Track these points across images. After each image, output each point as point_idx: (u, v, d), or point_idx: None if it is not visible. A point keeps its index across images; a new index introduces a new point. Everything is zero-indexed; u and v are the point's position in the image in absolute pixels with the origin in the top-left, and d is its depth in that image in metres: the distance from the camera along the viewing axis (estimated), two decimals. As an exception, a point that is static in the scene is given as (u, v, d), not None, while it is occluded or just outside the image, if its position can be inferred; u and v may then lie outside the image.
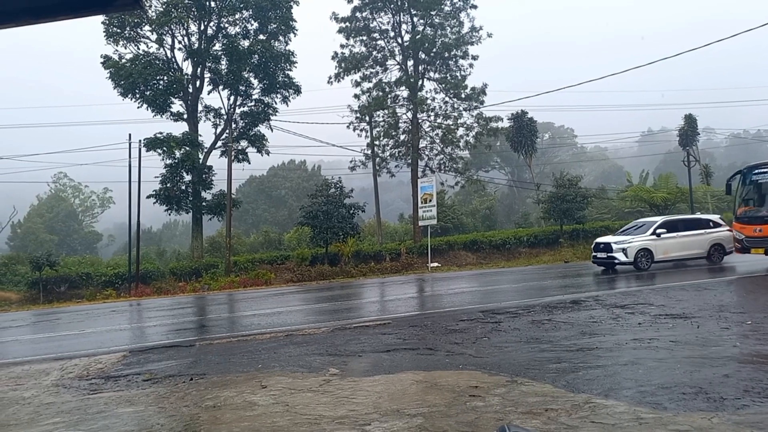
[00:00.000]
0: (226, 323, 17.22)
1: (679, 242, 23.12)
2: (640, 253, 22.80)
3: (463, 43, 39.87)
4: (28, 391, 9.60)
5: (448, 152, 41.55)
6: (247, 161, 37.07)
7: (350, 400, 7.67)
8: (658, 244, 22.91)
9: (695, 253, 23.40)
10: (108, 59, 33.71)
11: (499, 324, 13.05)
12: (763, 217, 20.21)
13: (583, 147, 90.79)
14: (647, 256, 22.82)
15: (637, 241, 22.99)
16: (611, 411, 6.65)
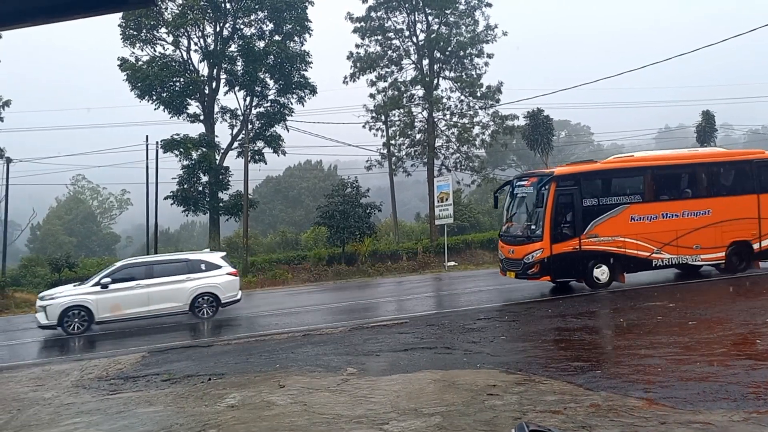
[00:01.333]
0: (243, 323, 17.30)
1: (139, 294, 16.65)
2: (71, 312, 16.15)
3: (479, 42, 39.66)
4: (48, 392, 9.70)
5: (464, 151, 41.36)
6: (263, 162, 37.18)
7: (368, 399, 7.67)
8: (102, 299, 16.37)
9: (170, 307, 17.07)
10: (125, 61, 33.95)
11: (515, 322, 12.99)
12: (516, 237, 17.98)
13: (600, 144, 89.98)
14: (82, 316, 16.23)
15: (67, 296, 16.38)
16: (630, 409, 6.59)
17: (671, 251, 17.44)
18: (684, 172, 18.71)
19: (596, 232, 16.89)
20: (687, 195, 18.17)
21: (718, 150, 20.92)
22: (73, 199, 75.07)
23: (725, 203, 18.08)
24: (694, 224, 17.62)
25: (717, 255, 17.85)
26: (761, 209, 18.17)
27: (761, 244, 18.14)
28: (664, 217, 17.56)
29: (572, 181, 17.25)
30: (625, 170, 18.56)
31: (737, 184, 18.84)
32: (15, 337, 17.38)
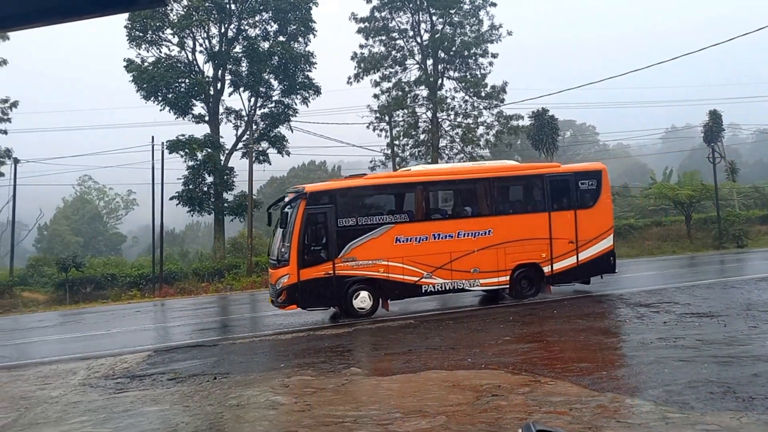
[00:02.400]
0: (248, 323, 17.34)
1: None
2: None
3: (483, 42, 39.63)
4: (55, 390, 9.75)
5: (468, 151, 41.33)
6: (267, 162, 37.22)
7: (372, 399, 7.68)
8: None
9: None
10: (131, 63, 34.07)
11: (523, 324, 12.97)
12: (272, 260, 16.26)
13: (606, 144, 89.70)
14: None
15: None
16: (637, 410, 6.59)
17: (444, 276, 15.59)
18: (461, 189, 17.22)
19: (354, 256, 15.14)
20: (465, 213, 16.53)
21: (508, 163, 18.74)
22: (80, 200, 75.29)
23: (510, 222, 16.36)
24: (472, 246, 15.81)
25: (500, 279, 15.96)
26: (553, 229, 16.43)
27: (553, 267, 16.33)
28: (436, 238, 15.72)
29: (326, 199, 15.42)
30: (390, 187, 16.81)
31: (526, 201, 17.36)
32: (22, 336, 17.46)
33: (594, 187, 17.08)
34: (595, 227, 16.87)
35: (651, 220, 42.36)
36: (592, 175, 17.32)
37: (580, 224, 16.65)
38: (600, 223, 16.98)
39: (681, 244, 36.08)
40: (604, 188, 17.19)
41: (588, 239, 16.67)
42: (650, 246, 36.45)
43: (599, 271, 17.06)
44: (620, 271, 18.48)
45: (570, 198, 16.97)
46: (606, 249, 16.94)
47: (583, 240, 16.61)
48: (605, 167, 17.83)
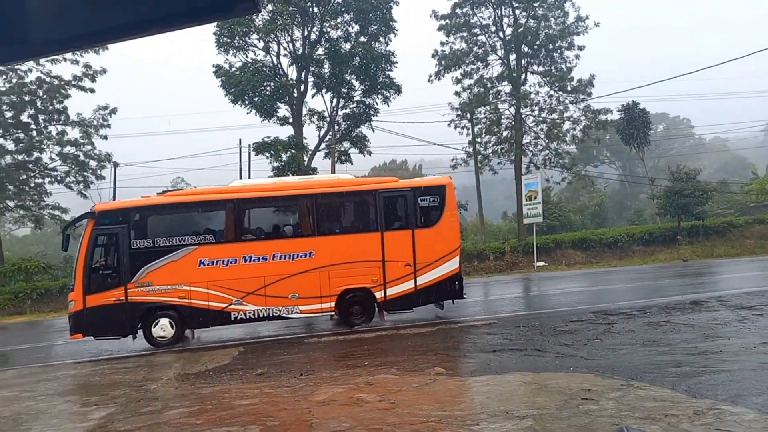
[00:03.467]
0: (332, 321, 17.59)
1: None
2: None
3: (568, 34, 38.57)
4: (154, 383, 10.22)
5: (553, 147, 40.34)
6: (349, 162, 37.75)
7: (456, 399, 7.61)
8: None
9: None
10: (219, 68, 35.35)
11: (612, 325, 12.53)
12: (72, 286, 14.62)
13: (701, 138, 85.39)
14: None
15: None
16: (739, 418, 6.20)
17: (257, 302, 14.32)
18: (279, 206, 16.12)
19: (150, 280, 13.97)
20: (282, 234, 15.38)
21: (342, 177, 17.20)
22: (173, 201, 78.66)
23: (336, 243, 15.00)
24: (290, 269, 14.52)
25: (323, 306, 14.60)
26: (387, 250, 14.90)
27: (386, 293, 14.84)
28: (247, 260, 14.46)
29: (118, 219, 14.25)
30: (195, 205, 15.38)
31: (355, 219, 15.96)
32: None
33: (436, 204, 15.32)
34: (438, 248, 15.11)
35: (752, 217, 39.98)
36: (434, 190, 15.49)
37: (419, 245, 15.02)
38: (443, 244, 15.15)
39: (786, 243, 33.90)
40: (448, 205, 15.35)
41: (428, 261, 15.01)
42: (752, 245, 34.44)
43: (443, 297, 15.39)
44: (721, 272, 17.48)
45: (407, 216, 15.35)
46: (450, 272, 15.11)
47: (422, 262, 14.99)
48: (451, 182, 15.84)
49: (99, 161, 37.09)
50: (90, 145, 36.72)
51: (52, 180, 36.60)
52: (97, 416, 8.24)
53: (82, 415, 8.50)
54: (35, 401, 9.51)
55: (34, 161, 36.03)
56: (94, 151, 36.89)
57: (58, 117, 36.00)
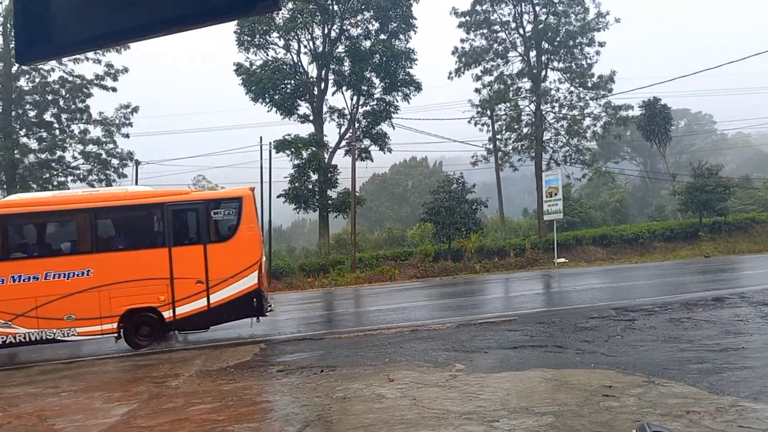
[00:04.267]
0: (352, 318, 17.66)
1: None
2: None
3: (589, 30, 38.32)
4: (176, 380, 10.35)
5: (574, 144, 40.12)
6: (370, 159, 37.88)
7: (477, 396, 7.61)
8: None
9: None
10: (240, 66, 35.66)
11: (633, 322, 12.44)
12: None
13: (724, 134, 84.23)
14: None
15: None
16: (761, 415, 6.14)
17: (29, 324, 13.34)
18: (52, 222, 14.87)
19: None
20: (57, 251, 14.20)
21: (128, 190, 16.02)
22: (194, 199, 79.38)
23: (117, 260, 14.00)
24: (65, 289, 13.50)
25: (104, 327, 13.66)
26: (175, 267, 13.97)
27: (176, 312, 13.95)
28: (15, 280, 13.40)
29: None
30: None
31: (139, 235, 14.82)
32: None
33: (232, 217, 14.50)
34: (234, 264, 14.26)
35: (777, 213, 39.39)
36: (229, 203, 14.71)
37: (213, 261, 14.16)
38: (240, 259, 14.27)
39: (811, 240, 33.33)
40: (245, 218, 14.44)
41: (223, 278, 14.14)
42: (776, 241, 33.92)
43: (241, 315, 14.51)
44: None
45: (199, 230, 14.55)
46: (248, 288, 14.18)
47: (216, 279, 14.11)
48: (249, 194, 14.84)
49: (121, 159, 37.56)
50: (112, 144, 37.22)
51: (75, 178, 37.13)
52: (119, 412, 8.38)
53: (105, 410, 8.64)
54: (59, 397, 9.68)
55: (57, 160, 36.57)
56: (116, 149, 37.39)
57: (80, 116, 36.53)
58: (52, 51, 1.43)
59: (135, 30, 1.27)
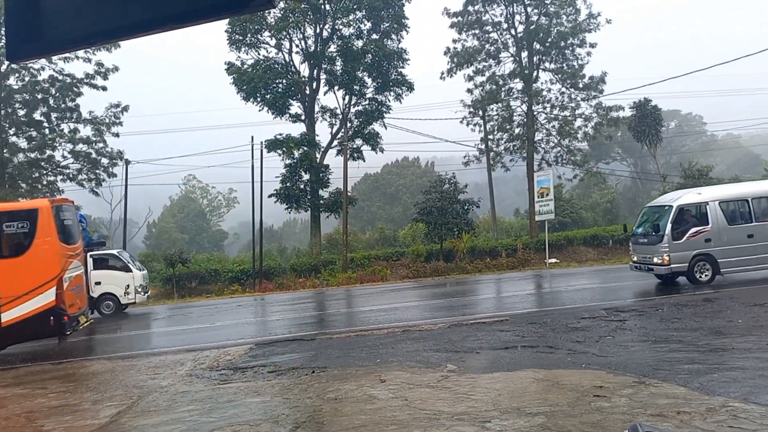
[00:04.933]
0: (344, 318, 17.62)
1: None
2: None
3: (580, 31, 38.38)
4: (165, 380, 10.29)
5: (565, 144, 40.18)
6: (362, 159, 37.81)
7: (469, 396, 7.61)
8: None
9: None
10: (231, 65, 35.50)
11: (623, 322, 12.49)
12: None
13: (714, 135, 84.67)
14: None
15: None
16: (751, 416, 6.17)
17: None
18: None
19: None
20: None
21: None
22: (185, 198, 79.20)
23: None
24: None
25: None
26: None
27: None
28: None
29: None
30: None
31: None
32: (135, 329, 18.56)
33: (25, 231, 13.62)
34: (27, 280, 13.38)
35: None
36: (22, 215, 13.86)
37: (3, 277, 13.30)
38: (34, 276, 13.37)
39: (800, 240, 33.48)
40: (41, 231, 13.50)
41: (15, 296, 13.21)
42: (765, 242, 34.09)
43: (38, 335, 13.80)
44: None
45: None
46: (44, 306, 13.23)
47: (7, 297, 13.20)
48: (46, 206, 13.88)
49: (111, 159, 37.33)
50: (102, 143, 36.96)
51: (65, 177, 36.87)
52: (109, 413, 8.32)
53: (95, 411, 8.58)
54: (47, 398, 9.60)
55: (47, 159, 36.28)
56: (106, 148, 37.15)
57: (70, 115, 36.26)
58: (43, 49, 1.40)
59: (128, 27, 1.25)
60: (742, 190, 18.35)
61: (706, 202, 17.36)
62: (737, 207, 17.73)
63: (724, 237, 17.18)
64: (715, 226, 17.21)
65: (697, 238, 17.20)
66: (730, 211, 17.63)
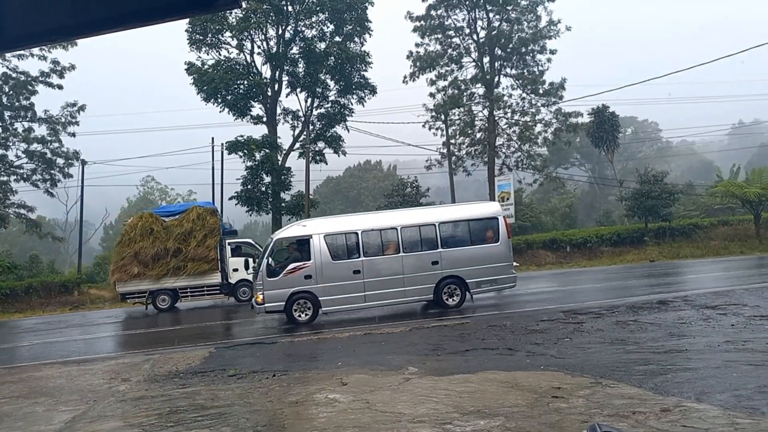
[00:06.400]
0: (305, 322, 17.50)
1: None
2: None
3: (541, 38, 39.01)
4: (122, 385, 10.09)
5: (525, 149, 40.78)
6: (324, 162, 37.68)
7: (430, 398, 7.65)
8: None
9: None
10: (191, 66, 34.99)
11: (581, 324, 12.71)
12: None
13: (669, 141, 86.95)
14: None
15: None
16: (704, 415, 6.35)
17: None
18: None
19: None
20: None
21: None
22: (143, 200, 77.76)
23: None
24: None
25: None
26: None
27: None
28: None
29: None
30: None
31: None
32: (90, 332, 18.15)
33: None
34: None
35: (717, 219, 40.80)
36: None
37: None
38: None
39: (749, 245, 34.62)
40: None
41: None
42: (716, 246, 35.13)
43: None
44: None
45: None
46: None
47: None
48: None
49: (66, 159, 36.51)
50: (57, 143, 36.13)
51: (18, 178, 35.94)
52: (63, 418, 8.13)
53: (48, 417, 8.37)
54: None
55: (0, 158, 35.28)
56: (61, 148, 36.33)
57: (24, 113, 35.36)
58: (2, 45, 1.37)
59: (89, 25, 1.22)
60: (352, 224, 16.91)
61: (310, 235, 15.92)
62: (345, 241, 16.35)
63: (327, 273, 15.75)
64: (318, 262, 15.73)
65: (296, 274, 15.68)
66: (337, 245, 16.30)
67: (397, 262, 16.13)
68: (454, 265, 16.35)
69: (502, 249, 16.76)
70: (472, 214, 17.29)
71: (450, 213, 17.77)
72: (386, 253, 16.29)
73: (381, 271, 16.06)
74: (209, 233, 23.64)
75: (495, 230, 16.83)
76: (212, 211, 24.74)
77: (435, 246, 16.41)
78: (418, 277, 16.15)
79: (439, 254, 16.33)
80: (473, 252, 16.58)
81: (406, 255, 16.18)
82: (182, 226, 23.84)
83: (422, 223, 16.72)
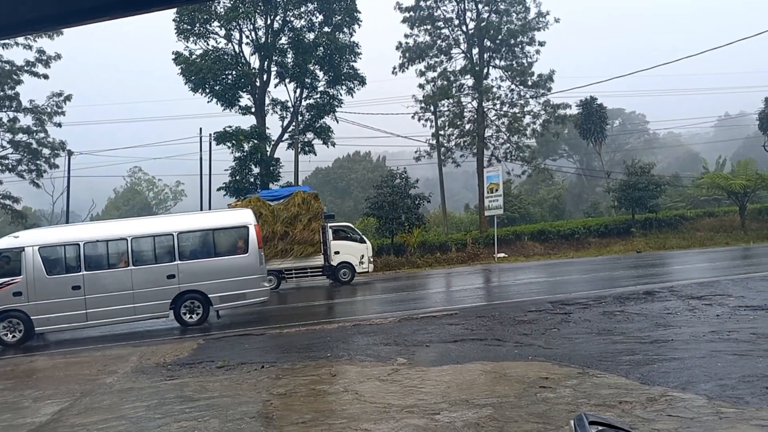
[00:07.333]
0: (293, 312, 17.53)
1: None
2: None
3: (530, 29, 39.09)
4: (109, 377, 10.05)
5: (514, 141, 40.93)
6: (313, 153, 37.58)
7: (419, 389, 7.68)
8: None
9: None
10: (179, 55, 34.72)
11: (568, 315, 12.80)
12: None
13: (656, 133, 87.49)
14: None
15: None
16: (689, 404, 6.42)
17: None
18: None
19: None
20: None
21: None
22: (130, 190, 77.28)
23: None
24: None
25: None
26: None
27: None
28: None
29: None
30: None
31: None
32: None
33: None
34: None
35: (703, 210, 41.21)
36: None
37: None
38: None
39: (734, 235, 34.99)
40: None
41: None
42: (702, 237, 35.49)
43: None
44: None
45: None
46: None
47: None
48: None
49: (53, 149, 36.20)
50: (43, 133, 35.79)
51: (3, 168, 35.57)
52: (50, 410, 8.09)
53: (35, 409, 8.33)
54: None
55: (-16, 149, 34.96)
56: (47, 138, 36.00)
57: (9, 103, 34.97)
58: None
59: (75, 14, 1.21)
60: (74, 234, 15.32)
61: (22, 247, 14.38)
62: (64, 253, 14.84)
63: (41, 290, 14.25)
64: (30, 277, 14.20)
65: (4, 291, 14.14)
66: (54, 258, 14.79)
67: (126, 276, 14.78)
68: (194, 278, 15.16)
69: (251, 260, 15.61)
70: (218, 224, 16.15)
71: (192, 222, 16.46)
72: (113, 267, 14.98)
73: (106, 287, 14.65)
74: (313, 217, 24.27)
75: (245, 240, 15.71)
76: (315, 196, 25.32)
77: (172, 258, 15.16)
78: (150, 292, 14.81)
79: (176, 267, 15.09)
80: (217, 264, 15.48)
81: (136, 269, 14.86)
82: (288, 210, 24.24)
83: (157, 233, 15.45)
